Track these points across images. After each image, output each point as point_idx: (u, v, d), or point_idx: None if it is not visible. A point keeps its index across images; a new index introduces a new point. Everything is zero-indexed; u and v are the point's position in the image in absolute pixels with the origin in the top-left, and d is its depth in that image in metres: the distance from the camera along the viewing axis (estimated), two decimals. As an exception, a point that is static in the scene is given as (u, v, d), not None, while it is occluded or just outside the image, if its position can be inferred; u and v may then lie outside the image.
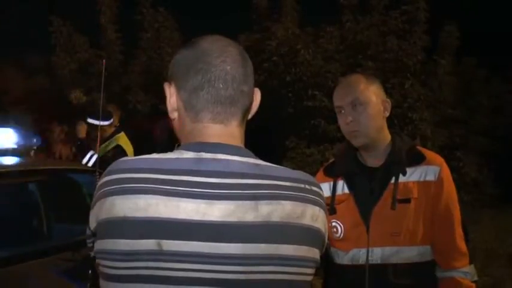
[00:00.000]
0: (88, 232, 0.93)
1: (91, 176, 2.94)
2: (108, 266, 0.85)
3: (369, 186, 1.62)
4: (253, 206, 0.85)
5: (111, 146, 4.21)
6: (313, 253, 0.91)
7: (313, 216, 0.91)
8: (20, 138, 3.40)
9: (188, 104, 0.93)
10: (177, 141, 0.99)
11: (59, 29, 9.42)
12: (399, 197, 1.56)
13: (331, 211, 1.63)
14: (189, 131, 0.94)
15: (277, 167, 0.93)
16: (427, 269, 1.60)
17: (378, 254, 1.57)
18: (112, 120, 4.33)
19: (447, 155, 7.79)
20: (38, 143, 3.81)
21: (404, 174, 1.58)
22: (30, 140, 3.62)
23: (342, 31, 8.83)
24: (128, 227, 0.83)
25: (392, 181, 1.58)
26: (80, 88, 8.83)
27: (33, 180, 3.22)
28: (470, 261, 1.62)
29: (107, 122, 4.20)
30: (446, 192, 1.59)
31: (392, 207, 1.55)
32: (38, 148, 4.02)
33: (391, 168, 1.60)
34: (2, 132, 3.43)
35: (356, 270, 1.60)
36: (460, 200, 1.66)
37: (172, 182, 0.84)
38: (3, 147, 3.28)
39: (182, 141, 0.96)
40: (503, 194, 9.01)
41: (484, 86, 10.36)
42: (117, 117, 4.56)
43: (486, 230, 6.41)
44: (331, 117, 6.96)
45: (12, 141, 3.34)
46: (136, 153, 4.09)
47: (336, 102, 1.66)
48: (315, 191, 0.93)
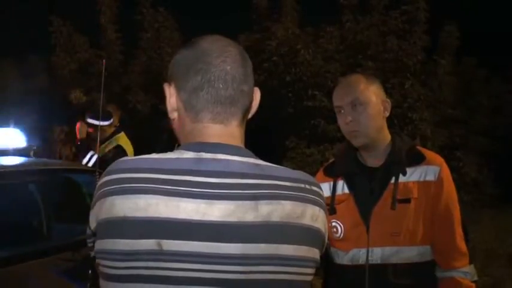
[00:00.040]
0: (88, 232, 0.93)
1: (91, 176, 2.94)
2: (108, 266, 0.85)
3: (368, 186, 1.62)
4: (253, 206, 0.85)
5: (111, 146, 4.21)
6: (313, 253, 0.91)
7: (313, 216, 0.91)
8: (20, 138, 3.40)
9: (188, 104, 0.93)
10: (176, 141, 0.99)
11: (59, 29, 9.42)
12: (399, 197, 1.56)
13: (331, 211, 1.62)
14: (189, 131, 0.94)
15: (277, 167, 0.93)
16: (427, 269, 1.60)
17: (377, 254, 1.57)
18: (112, 120, 4.32)
19: (447, 155, 7.80)
20: (38, 143, 3.81)
21: (404, 174, 1.58)
22: (30, 140, 3.62)
23: (342, 31, 8.84)
24: (128, 226, 0.83)
25: (392, 181, 1.58)
26: (80, 88, 8.82)
27: (33, 180, 3.21)
28: (470, 261, 1.62)
29: (106, 122, 4.19)
30: (446, 192, 1.59)
31: (392, 207, 1.56)
32: (38, 148, 4.02)
33: (391, 168, 1.60)
34: (3, 132, 3.44)
35: (356, 270, 1.60)
36: (460, 200, 1.66)
37: (172, 182, 0.84)
38: (4, 147, 3.28)
39: (182, 142, 0.96)
40: (503, 194, 9.02)
41: (484, 86, 10.37)
42: (117, 117, 4.54)
43: (486, 230, 6.41)
44: (331, 117, 6.96)
45: (12, 141, 3.35)
46: (136, 153, 4.09)
47: (336, 102, 1.66)
48: (315, 191, 0.93)
